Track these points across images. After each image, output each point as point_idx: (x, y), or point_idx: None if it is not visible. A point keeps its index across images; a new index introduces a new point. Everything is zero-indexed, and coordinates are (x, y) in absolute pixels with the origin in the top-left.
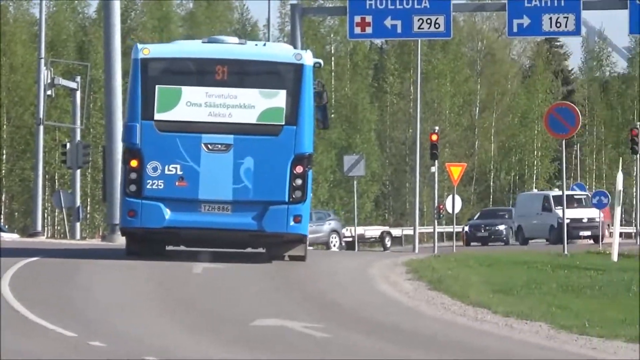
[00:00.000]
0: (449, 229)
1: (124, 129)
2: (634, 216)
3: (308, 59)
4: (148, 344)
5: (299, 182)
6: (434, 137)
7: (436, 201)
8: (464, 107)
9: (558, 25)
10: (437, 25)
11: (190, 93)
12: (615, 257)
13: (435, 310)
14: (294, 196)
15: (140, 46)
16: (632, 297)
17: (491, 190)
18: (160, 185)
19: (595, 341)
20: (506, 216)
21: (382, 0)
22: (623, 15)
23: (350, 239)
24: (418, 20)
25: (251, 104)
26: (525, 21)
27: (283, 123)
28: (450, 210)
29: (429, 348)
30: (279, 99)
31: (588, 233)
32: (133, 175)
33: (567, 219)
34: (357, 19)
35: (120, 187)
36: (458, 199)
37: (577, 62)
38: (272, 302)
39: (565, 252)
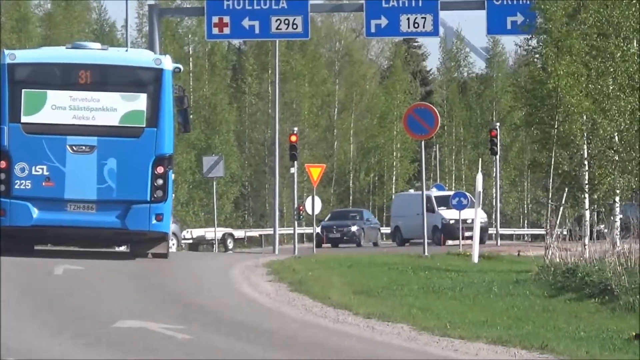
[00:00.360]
0: (308, 230)
1: None
2: (493, 217)
3: (167, 63)
4: (8, 345)
5: (160, 182)
6: (293, 138)
7: (296, 202)
8: (323, 108)
9: (416, 25)
10: (294, 26)
11: (55, 97)
12: (475, 259)
13: (296, 311)
14: (155, 195)
15: (7, 52)
16: (492, 299)
17: (351, 191)
18: (28, 185)
19: (456, 343)
20: (357, 217)
21: (240, 0)
22: (481, 16)
23: (190, 241)
24: (276, 21)
25: (113, 107)
26: (383, 22)
27: (144, 125)
28: (310, 212)
29: (291, 349)
30: (139, 102)
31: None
32: (2, 176)
33: (452, 219)
34: (215, 19)
35: None
36: (318, 200)
37: (435, 62)
38: (133, 303)
39: (426, 254)
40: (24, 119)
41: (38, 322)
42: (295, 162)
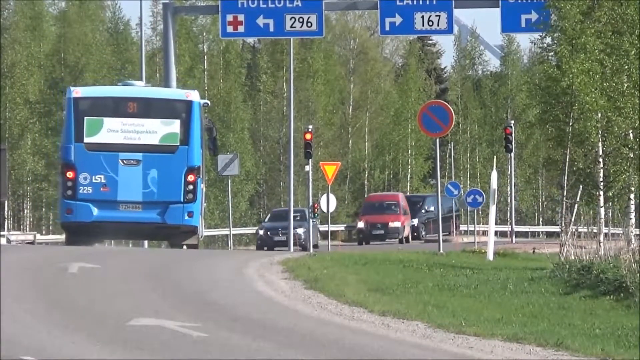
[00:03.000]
0: (323, 228)
1: (62, 150)
2: (508, 215)
3: (195, 96)
4: (24, 344)
5: (190, 187)
6: (308, 136)
7: (310, 200)
8: (338, 105)
9: (430, 23)
10: (309, 24)
11: (110, 122)
12: (490, 256)
13: (311, 309)
14: (187, 197)
15: (72, 88)
16: (507, 296)
17: (365, 188)
18: (89, 190)
19: (472, 340)
20: (298, 217)
21: None
22: (495, 14)
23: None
24: (290, 19)
25: (154, 130)
26: (398, 19)
27: (178, 144)
28: (325, 209)
29: (306, 347)
30: (174, 126)
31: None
32: (69, 184)
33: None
34: (230, 17)
35: (59, 192)
36: (333, 198)
37: (450, 60)
38: (148, 301)
39: (441, 251)
40: (86, 139)
41: (52, 320)
42: (310, 159)
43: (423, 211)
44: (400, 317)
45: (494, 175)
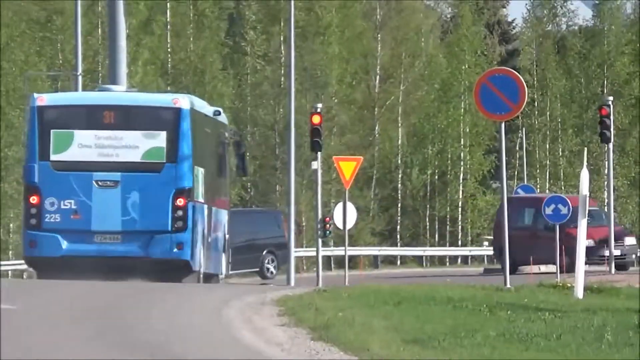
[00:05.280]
0: (339, 251)
1: (24, 170)
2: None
3: (184, 102)
4: None
5: (180, 213)
6: (316, 119)
7: (319, 211)
8: (359, 75)
9: None
10: None
11: (82, 136)
12: (579, 293)
13: None
14: (176, 226)
15: (36, 95)
16: (604, 350)
17: (399, 195)
18: (57, 219)
19: None
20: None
21: None
22: None
23: None
24: None
25: (135, 145)
26: None
27: (164, 161)
28: (340, 225)
29: None
30: (159, 139)
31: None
32: (33, 210)
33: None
34: None
35: (22, 221)
36: (352, 209)
37: (521, 10)
38: (84, 354)
39: (508, 285)
40: (53, 157)
41: None
42: (319, 153)
43: None
44: None
45: (585, 175)
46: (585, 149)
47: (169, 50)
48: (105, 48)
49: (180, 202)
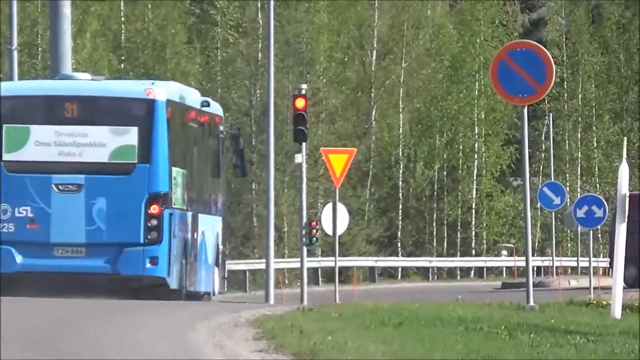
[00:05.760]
0: (328, 261)
1: None
2: None
3: (159, 93)
4: None
5: (154, 222)
6: (300, 103)
7: (304, 214)
8: (352, 50)
9: None
10: None
11: (39, 132)
12: (617, 312)
13: None
14: (149, 237)
15: None
16: None
17: (400, 194)
18: (11, 229)
19: None
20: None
21: None
22: None
23: None
24: None
25: (102, 142)
26: None
27: (135, 161)
28: (329, 231)
29: None
30: (130, 136)
31: None
32: None
33: None
34: None
35: None
36: (343, 211)
37: None
38: None
39: (531, 303)
40: (6, 156)
41: None
42: (304, 144)
43: None
44: None
45: (625, 170)
46: (625, 138)
47: (122, 19)
48: (45, 17)
49: (154, 209)
